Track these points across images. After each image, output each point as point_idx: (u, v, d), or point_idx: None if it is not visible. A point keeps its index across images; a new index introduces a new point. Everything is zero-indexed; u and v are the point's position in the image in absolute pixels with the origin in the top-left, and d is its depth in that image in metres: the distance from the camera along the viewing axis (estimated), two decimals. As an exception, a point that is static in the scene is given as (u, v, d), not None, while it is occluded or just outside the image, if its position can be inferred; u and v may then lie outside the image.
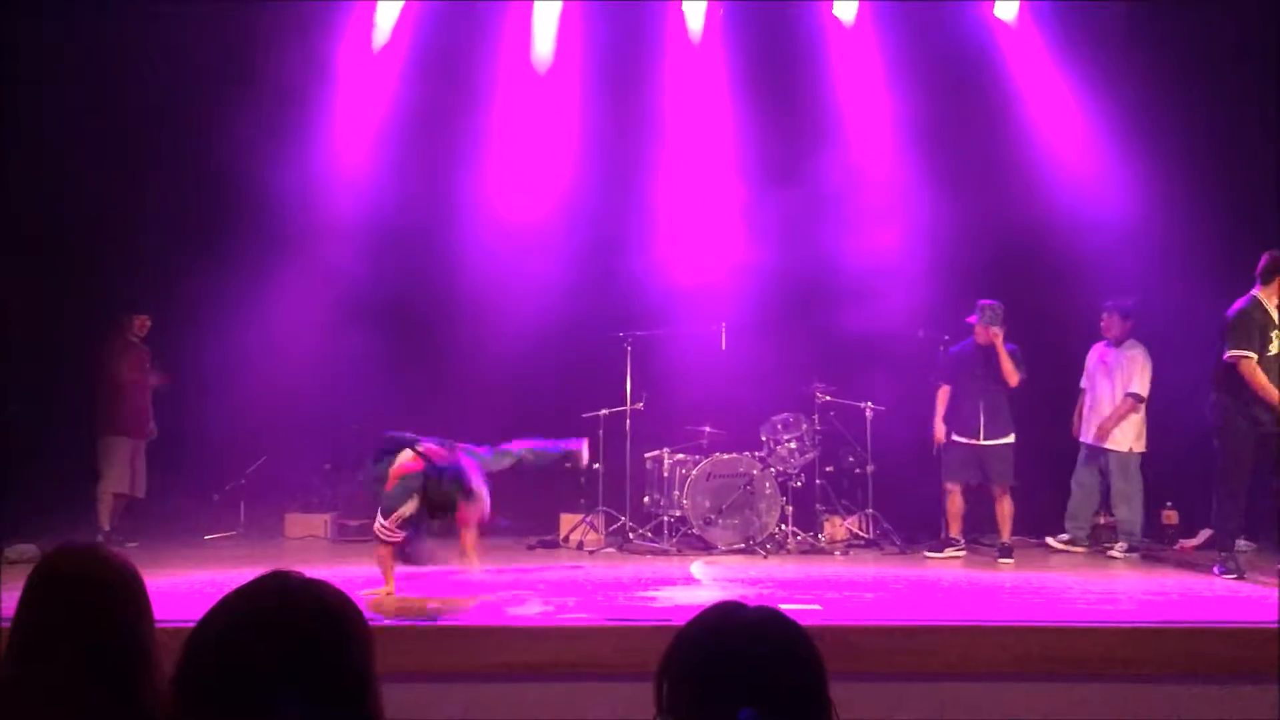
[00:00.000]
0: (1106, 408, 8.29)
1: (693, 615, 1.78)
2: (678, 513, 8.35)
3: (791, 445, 8.40)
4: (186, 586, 6.13)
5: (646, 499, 8.62)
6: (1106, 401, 8.32)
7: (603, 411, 8.51)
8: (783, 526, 8.34)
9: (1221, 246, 8.11)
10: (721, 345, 8.61)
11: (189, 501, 8.90)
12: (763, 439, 8.48)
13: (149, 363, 8.50)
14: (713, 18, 9.37)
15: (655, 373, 8.77)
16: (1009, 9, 9.25)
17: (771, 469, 8.32)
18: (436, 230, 9.19)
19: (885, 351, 8.68)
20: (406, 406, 8.19)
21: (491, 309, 9.00)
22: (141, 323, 8.45)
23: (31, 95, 8.37)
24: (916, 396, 8.54)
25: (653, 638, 3.77)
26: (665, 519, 8.41)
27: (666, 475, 8.48)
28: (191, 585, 6.20)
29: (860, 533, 8.65)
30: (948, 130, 9.16)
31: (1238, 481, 6.97)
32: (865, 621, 5.44)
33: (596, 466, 8.36)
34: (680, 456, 8.53)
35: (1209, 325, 7.14)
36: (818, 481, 8.66)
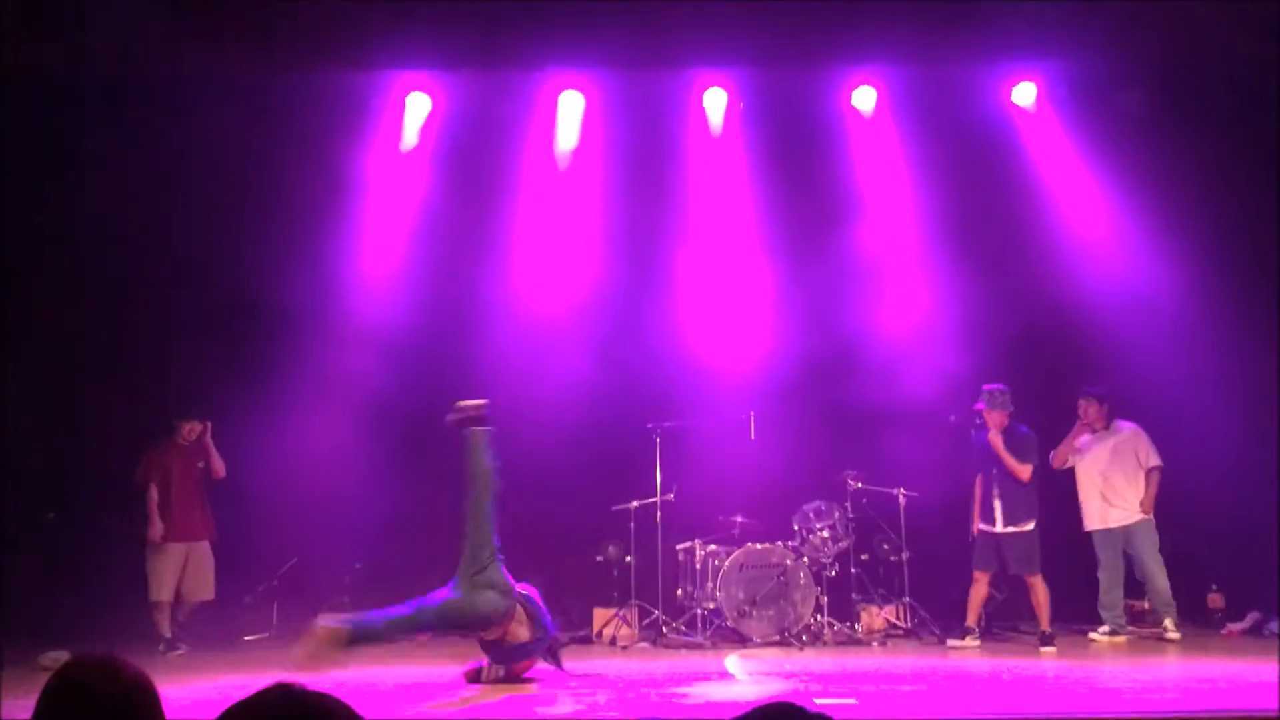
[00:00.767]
0: (1113, 490, 8.22)
1: (733, 714, 1.74)
2: (711, 605, 8.25)
3: (825, 534, 8.32)
4: (217, 693, 6.09)
5: (680, 591, 8.53)
6: (1121, 481, 8.23)
7: (634, 504, 8.48)
8: (818, 617, 8.21)
9: (1249, 324, 8.05)
10: (751, 434, 8.58)
11: (225, 604, 8.90)
12: (795, 528, 8.41)
13: (199, 465, 8.59)
14: (733, 110, 9.52)
15: (685, 463, 8.73)
16: (1026, 94, 9.34)
17: (805, 558, 8.22)
18: (463, 330, 9.29)
19: (916, 436, 8.61)
20: (435, 507, 8.18)
21: (519, 405, 8.99)
22: (191, 429, 8.57)
23: (66, 203, 8.64)
24: (950, 482, 8.47)
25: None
26: (699, 611, 8.31)
27: (699, 567, 8.39)
28: (221, 691, 6.15)
29: (898, 622, 8.51)
30: (970, 213, 9.23)
31: None
32: (903, 717, 5.34)
33: (629, 560, 8.30)
34: (713, 547, 8.44)
35: (1242, 403, 7.05)
36: (853, 570, 8.55)
